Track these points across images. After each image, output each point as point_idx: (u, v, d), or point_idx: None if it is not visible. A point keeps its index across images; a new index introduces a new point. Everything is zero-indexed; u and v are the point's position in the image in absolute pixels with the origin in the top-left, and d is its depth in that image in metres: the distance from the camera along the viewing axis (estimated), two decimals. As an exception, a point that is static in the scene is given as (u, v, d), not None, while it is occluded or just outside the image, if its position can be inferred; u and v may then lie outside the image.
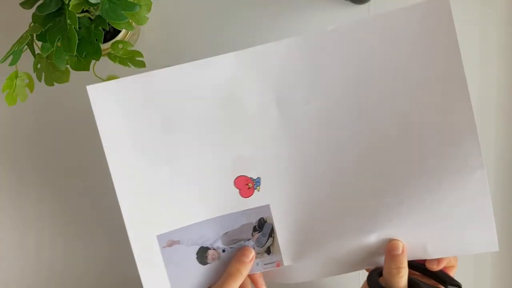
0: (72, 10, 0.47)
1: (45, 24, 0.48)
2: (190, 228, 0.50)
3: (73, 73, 0.52)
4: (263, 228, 0.51)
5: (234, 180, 0.50)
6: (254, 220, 0.51)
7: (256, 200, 0.50)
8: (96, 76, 0.54)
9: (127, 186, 0.48)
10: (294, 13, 0.62)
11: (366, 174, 0.49)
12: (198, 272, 0.51)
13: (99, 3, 0.48)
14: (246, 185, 0.50)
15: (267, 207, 0.50)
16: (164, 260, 0.49)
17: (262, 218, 0.51)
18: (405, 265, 0.48)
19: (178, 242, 0.50)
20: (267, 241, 0.51)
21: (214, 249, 0.51)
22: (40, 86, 0.53)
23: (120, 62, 0.54)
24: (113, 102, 0.48)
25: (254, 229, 0.51)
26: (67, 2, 0.47)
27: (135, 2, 0.50)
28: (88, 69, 0.52)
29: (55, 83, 0.53)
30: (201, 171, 0.49)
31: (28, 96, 0.53)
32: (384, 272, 0.49)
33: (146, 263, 0.49)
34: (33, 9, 0.50)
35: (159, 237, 0.49)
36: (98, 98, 0.48)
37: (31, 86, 0.54)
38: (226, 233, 0.51)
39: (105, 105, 0.48)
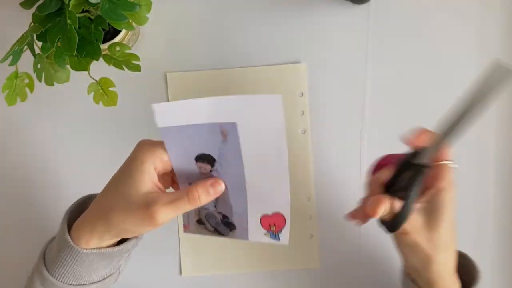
0: (72, 10, 0.47)
1: (45, 24, 0.48)
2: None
3: (73, 73, 0.52)
4: (223, 226, 0.49)
5: (272, 214, 0.48)
6: (236, 224, 0.49)
7: (259, 236, 0.48)
8: (91, 77, 0.54)
9: None
10: (294, 14, 0.62)
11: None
12: (188, 160, 0.46)
13: (99, 3, 0.48)
14: (273, 224, 0.48)
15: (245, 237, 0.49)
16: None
17: (233, 225, 0.49)
18: None
19: (226, 135, 0.45)
20: (214, 224, 0.49)
21: (211, 171, 0.46)
22: (40, 86, 0.53)
23: (114, 65, 0.53)
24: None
25: (227, 224, 0.49)
26: (67, 2, 0.47)
27: (135, 2, 0.50)
28: (88, 69, 0.52)
29: (55, 83, 0.54)
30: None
31: (28, 96, 0.53)
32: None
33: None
34: (33, 9, 0.50)
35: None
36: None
37: (31, 86, 0.54)
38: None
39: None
